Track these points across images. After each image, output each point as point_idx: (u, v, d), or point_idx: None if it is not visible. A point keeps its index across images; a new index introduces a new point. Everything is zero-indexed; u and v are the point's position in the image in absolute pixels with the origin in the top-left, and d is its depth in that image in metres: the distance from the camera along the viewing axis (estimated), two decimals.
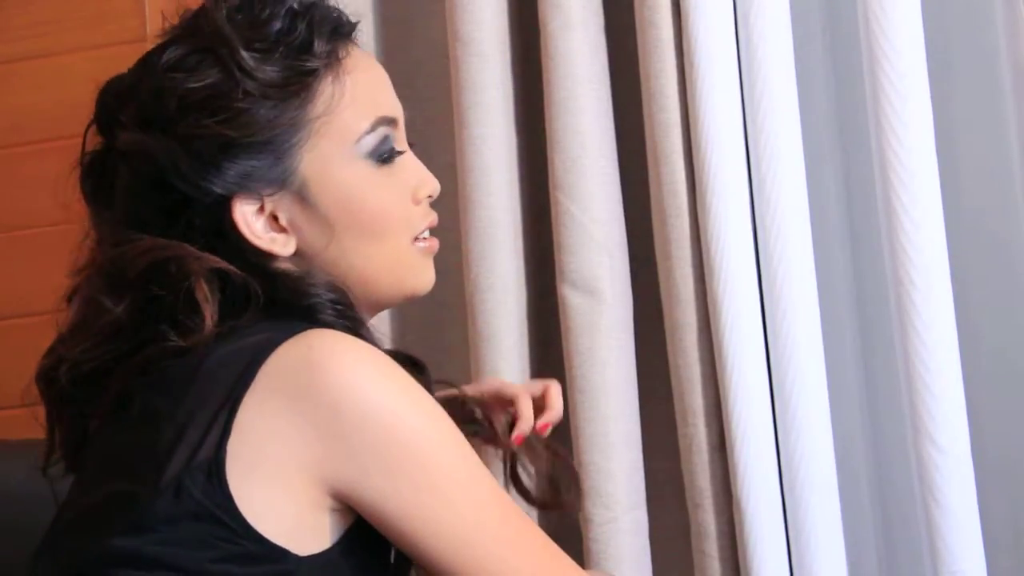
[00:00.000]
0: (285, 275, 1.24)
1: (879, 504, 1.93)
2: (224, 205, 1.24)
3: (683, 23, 1.86)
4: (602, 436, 1.85)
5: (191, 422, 1.14)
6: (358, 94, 1.27)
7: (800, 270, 1.83)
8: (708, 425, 1.85)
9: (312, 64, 1.24)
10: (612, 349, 1.87)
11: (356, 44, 1.31)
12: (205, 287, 1.18)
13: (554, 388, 1.45)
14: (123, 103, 1.28)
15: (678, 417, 1.88)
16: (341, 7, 1.32)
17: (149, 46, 1.87)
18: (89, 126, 1.32)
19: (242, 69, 1.22)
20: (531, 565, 1.18)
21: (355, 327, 1.23)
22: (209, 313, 1.18)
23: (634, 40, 1.91)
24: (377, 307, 1.33)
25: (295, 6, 1.25)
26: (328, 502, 1.16)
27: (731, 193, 1.84)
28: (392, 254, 1.27)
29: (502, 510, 1.18)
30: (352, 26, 1.31)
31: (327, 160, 1.25)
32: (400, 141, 1.31)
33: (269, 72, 1.22)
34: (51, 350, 1.26)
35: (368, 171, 1.27)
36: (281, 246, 1.25)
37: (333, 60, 1.26)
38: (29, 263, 1.89)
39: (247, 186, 1.23)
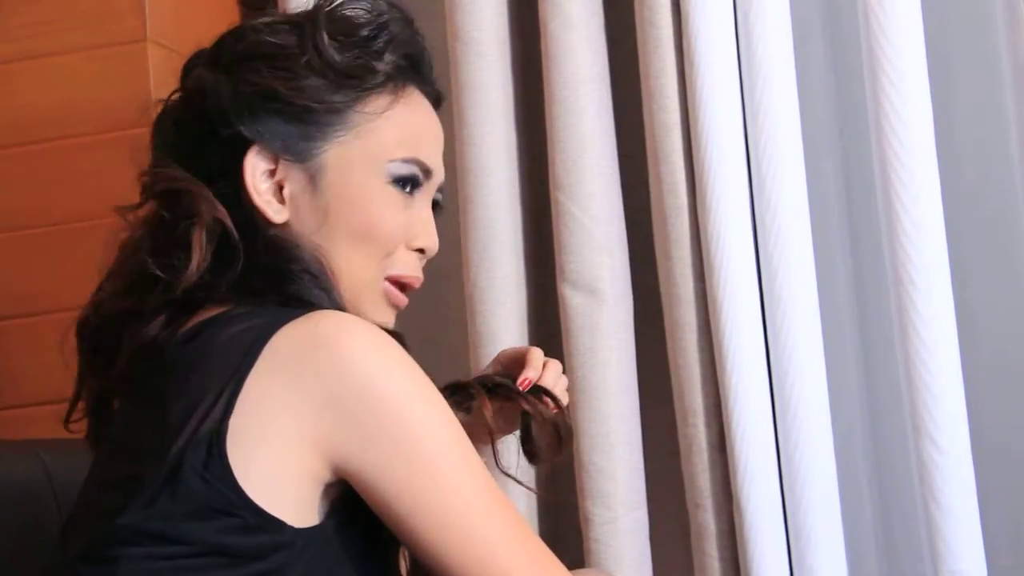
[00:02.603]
0: (274, 238, 1.28)
1: (879, 504, 1.94)
2: (241, 149, 1.29)
3: (683, 23, 1.86)
4: (603, 436, 1.85)
5: (198, 402, 1.18)
6: (406, 127, 1.33)
7: (800, 270, 1.84)
8: (708, 425, 1.85)
9: (375, 67, 1.31)
10: (612, 349, 1.87)
11: (427, 95, 1.37)
12: (203, 235, 1.24)
13: (533, 351, 1.48)
14: (210, 48, 1.36)
15: (678, 417, 1.88)
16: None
17: (149, 46, 1.88)
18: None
19: (315, 46, 1.29)
20: (514, 552, 1.20)
21: (331, 299, 1.27)
22: (197, 261, 1.24)
23: (634, 40, 1.91)
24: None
25: (390, 26, 1.33)
26: (326, 475, 1.19)
27: (731, 193, 1.84)
28: (361, 269, 1.30)
29: (490, 497, 1.21)
30: (430, 67, 1.38)
31: (352, 161, 1.30)
32: (426, 191, 1.35)
33: (335, 57, 1.30)
34: (91, 297, 1.32)
35: (383, 188, 1.31)
36: (274, 212, 1.29)
37: (398, 81, 1.33)
38: (30, 263, 1.89)
39: (270, 142, 1.29)
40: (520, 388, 1.41)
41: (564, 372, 1.46)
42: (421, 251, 1.35)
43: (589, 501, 1.85)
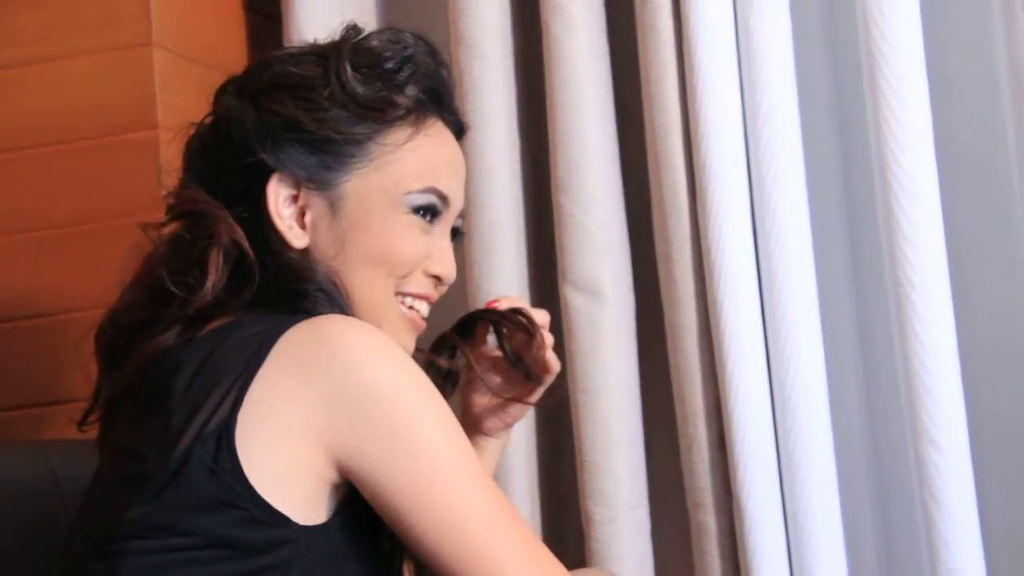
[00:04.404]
0: (290, 260, 1.31)
1: (878, 503, 1.94)
2: (263, 175, 1.31)
3: (683, 26, 1.87)
4: (604, 436, 1.86)
5: (204, 401, 1.20)
6: (426, 158, 1.35)
7: (800, 271, 1.84)
8: (709, 425, 1.86)
9: (397, 100, 1.33)
10: (614, 350, 1.88)
11: (449, 126, 1.40)
12: (219, 256, 1.27)
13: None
14: (239, 76, 1.39)
15: (679, 417, 1.88)
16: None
17: (155, 50, 1.89)
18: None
19: (339, 77, 1.32)
20: (513, 551, 1.21)
21: (344, 313, 1.29)
22: (212, 281, 1.27)
23: (635, 43, 1.92)
24: None
25: (414, 58, 1.36)
26: (330, 473, 1.21)
27: (731, 194, 1.85)
28: (379, 292, 1.33)
29: (490, 497, 1.22)
30: (451, 101, 1.40)
31: (371, 192, 1.33)
32: (445, 220, 1.38)
33: (359, 90, 1.33)
34: (110, 307, 1.35)
35: (403, 217, 1.34)
36: (295, 237, 1.32)
37: (420, 113, 1.35)
38: (33, 266, 1.90)
39: (293, 171, 1.32)
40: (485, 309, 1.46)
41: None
42: (437, 278, 1.37)
43: (590, 500, 1.86)
